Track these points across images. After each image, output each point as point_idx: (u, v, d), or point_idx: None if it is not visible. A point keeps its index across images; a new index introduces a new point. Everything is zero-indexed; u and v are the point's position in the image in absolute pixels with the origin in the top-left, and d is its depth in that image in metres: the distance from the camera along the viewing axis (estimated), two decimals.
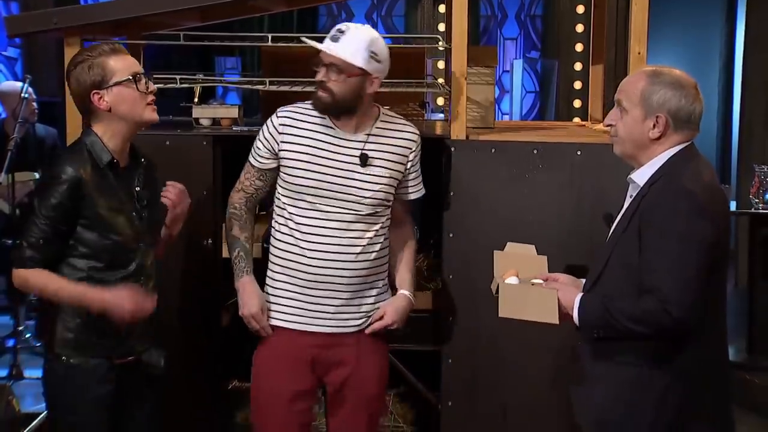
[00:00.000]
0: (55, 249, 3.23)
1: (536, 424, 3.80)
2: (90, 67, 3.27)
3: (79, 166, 3.22)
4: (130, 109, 3.30)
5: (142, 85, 3.31)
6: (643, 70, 3.09)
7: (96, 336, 3.28)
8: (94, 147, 3.28)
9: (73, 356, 3.27)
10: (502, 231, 3.73)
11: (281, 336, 3.50)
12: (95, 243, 3.25)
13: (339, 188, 3.46)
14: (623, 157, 3.09)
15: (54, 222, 3.20)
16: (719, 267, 3.01)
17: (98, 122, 3.32)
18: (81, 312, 3.25)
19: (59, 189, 3.19)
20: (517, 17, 10.20)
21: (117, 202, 3.29)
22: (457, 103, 3.83)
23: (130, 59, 3.35)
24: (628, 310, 2.91)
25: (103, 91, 3.27)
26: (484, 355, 3.82)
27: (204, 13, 4.05)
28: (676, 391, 2.97)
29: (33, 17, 4.36)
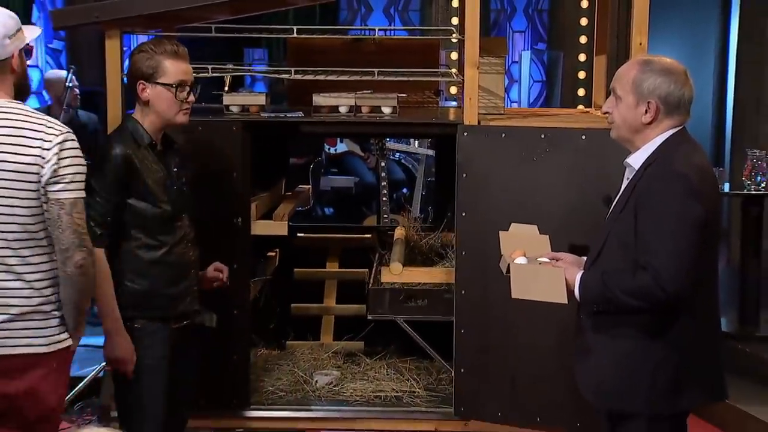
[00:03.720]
0: (117, 223, 3.33)
1: (542, 391, 3.80)
2: (148, 59, 3.37)
3: (125, 146, 3.33)
4: (165, 110, 3.39)
5: (181, 94, 3.39)
6: (635, 59, 3.11)
7: (155, 301, 3.39)
8: (136, 130, 3.39)
9: (135, 319, 3.36)
10: (511, 210, 3.72)
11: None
12: (147, 212, 3.36)
13: None
14: (620, 141, 3.09)
15: (112, 197, 3.30)
16: (711, 244, 3.01)
17: (139, 109, 3.43)
18: (142, 280, 3.37)
19: (111, 166, 3.30)
20: (525, 11, 10.18)
21: (161, 177, 3.39)
22: (470, 90, 3.81)
23: (184, 67, 3.40)
24: (624, 286, 2.91)
25: (148, 85, 3.38)
26: (494, 325, 3.82)
27: (234, 6, 4.05)
28: (670, 361, 2.97)
29: (76, 11, 4.37)
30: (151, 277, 3.38)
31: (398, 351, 4.43)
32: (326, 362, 4.40)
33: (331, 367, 4.35)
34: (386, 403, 4.05)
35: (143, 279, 3.38)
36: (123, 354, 3.34)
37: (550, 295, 3.04)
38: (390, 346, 4.44)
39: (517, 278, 3.09)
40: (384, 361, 4.37)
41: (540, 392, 3.80)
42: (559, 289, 3.02)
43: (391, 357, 4.40)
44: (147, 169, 3.36)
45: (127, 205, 3.34)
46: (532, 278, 3.08)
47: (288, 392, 4.13)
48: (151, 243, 3.38)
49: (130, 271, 3.37)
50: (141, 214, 3.35)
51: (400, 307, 4.07)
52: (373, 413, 4.01)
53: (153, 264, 3.39)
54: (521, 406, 3.83)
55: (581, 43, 9.12)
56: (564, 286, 3.02)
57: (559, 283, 3.03)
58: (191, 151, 3.75)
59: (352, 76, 4.08)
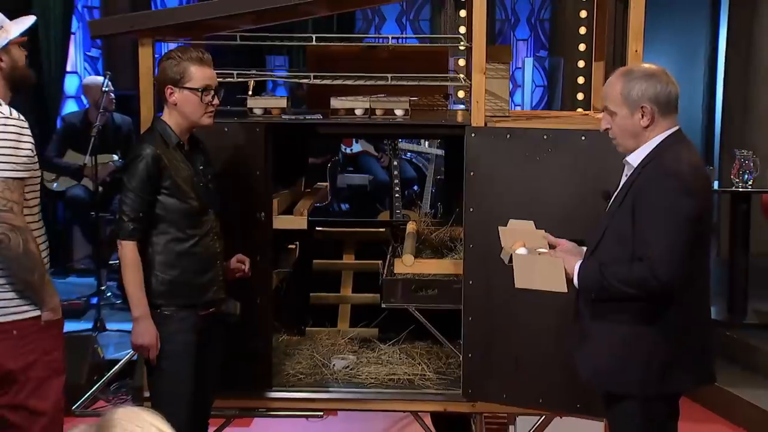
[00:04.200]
0: (148, 218, 3.35)
1: (543, 373, 3.78)
2: (176, 65, 3.38)
3: (155, 146, 3.34)
4: (191, 112, 3.40)
5: (206, 98, 3.40)
6: (615, 74, 3.07)
7: (184, 290, 3.40)
8: (164, 131, 3.41)
9: (165, 307, 3.37)
10: (515, 206, 3.71)
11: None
12: (175, 207, 3.37)
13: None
14: (626, 151, 3.06)
15: (143, 194, 3.32)
16: (703, 238, 3.01)
17: (167, 111, 3.44)
18: (172, 270, 3.38)
19: (143, 165, 3.31)
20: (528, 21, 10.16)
21: (188, 174, 3.40)
22: (478, 94, 3.79)
23: (209, 72, 3.42)
24: (621, 275, 2.92)
25: (175, 89, 3.39)
26: (499, 313, 3.80)
27: (257, 16, 4.04)
28: (663, 347, 2.98)
29: (112, 21, 4.38)
30: (180, 268, 3.39)
31: (410, 337, 4.41)
32: (343, 347, 4.39)
33: (348, 351, 4.34)
34: (399, 385, 4.04)
35: (173, 269, 3.39)
36: (147, 341, 3.36)
37: (551, 284, 3.04)
38: (402, 332, 4.42)
39: (520, 268, 3.09)
40: (397, 346, 4.35)
41: (542, 375, 3.78)
42: (559, 279, 3.03)
43: (403, 343, 4.38)
44: (175, 168, 3.36)
45: (157, 201, 3.35)
46: (533, 268, 3.09)
47: (307, 375, 4.12)
48: (179, 236, 3.39)
49: (160, 262, 3.39)
50: (170, 209, 3.37)
51: (411, 296, 4.05)
52: (387, 395, 4.00)
53: (181, 255, 3.40)
54: (524, 388, 3.81)
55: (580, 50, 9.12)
56: (563, 276, 3.02)
57: (559, 273, 3.02)
58: (218, 151, 3.75)
59: (367, 81, 4.06)
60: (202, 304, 3.46)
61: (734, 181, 6.04)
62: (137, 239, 3.33)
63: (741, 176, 6.02)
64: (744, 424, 5.22)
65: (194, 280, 3.42)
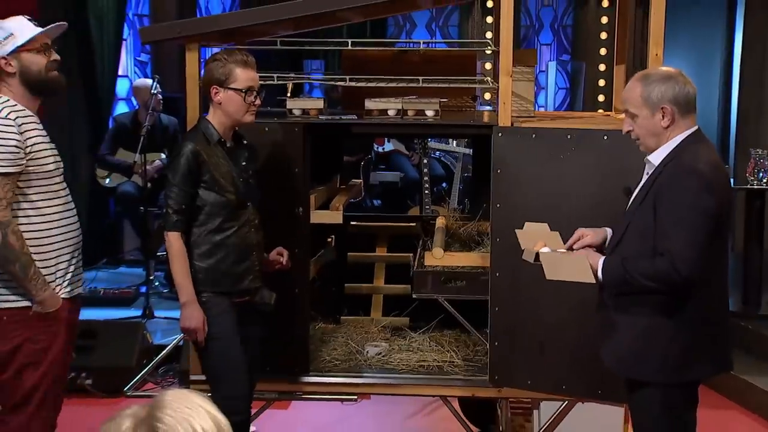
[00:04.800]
0: (191, 210, 3.38)
1: (566, 361, 3.75)
2: (221, 66, 3.40)
3: (196, 143, 3.37)
4: (234, 111, 3.41)
5: (249, 99, 3.41)
6: (634, 78, 3.05)
7: (220, 278, 3.42)
8: (207, 129, 3.42)
9: (203, 293, 3.40)
10: (540, 202, 3.69)
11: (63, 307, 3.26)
12: (214, 200, 3.39)
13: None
14: (648, 151, 3.02)
15: (185, 187, 3.35)
16: (722, 233, 2.98)
17: (211, 110, 3.45)
18: (210, 259, 3.40)
19: (183, 160, 3.34)
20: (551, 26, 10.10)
21: (228, 170, 3.40)
22: (504, 96, 3.76)
23: (252, 74, 3.42)
24: (643, 269, 2.89)
25: (220, 89, 3.40)
26: (524, 303, 3.77)
27: (296, 23, 4.03)
28: (682, 337, 2.95)
29: (161, 28, 4.38)
30: (217, 257, 3.41)
31: (439, 326, 4.39)
32: (376, 335, 4.38)
33: (380, 339, 4.33)
34: (428, 371, 4.02)
35: (210, 258, 3.41)
36: (194, 324, 3.37)
37: (579, 276, 3.02)
38: (432, 321, 4.40)
39: (547, 265, 3.08)
40: (427, 334, 4.33)
41: (565, 363, 3.75)
42: (585, 271, 3.00)
43: (433, 331, 4.36)
44: (214, 163, 3.38)
45: (197, 194, 3.37)
46: (560, 264, 3.07)
47: (342, 361, 4.11)
48: (217, 227, 3.41)
49: (198, 251, 3.41)
50: (209, 201, 3.39)
51: (441, 287, 4.03)
52: (417, 380, 3.98)
53: (219, 245, 3.42)
54: (549, 375, 3.78)
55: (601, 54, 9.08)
56: (589, 268, 2.99)
57: (585, 266, 3.00)
58: (259, 149, 3.75)
59: (400, 83, 4.05)
60: (237, 292, 3.47)
61: (749, 179, 6.02)
62: (182, 230, 3.37)
63: (756, 174, 6.00)
64: (758, 411, 5.19)
65: (230, 269, 3.44)
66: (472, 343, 4.24)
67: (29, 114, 3.17)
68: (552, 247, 3.13)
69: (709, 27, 9.51)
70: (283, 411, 4.96)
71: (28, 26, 3.17)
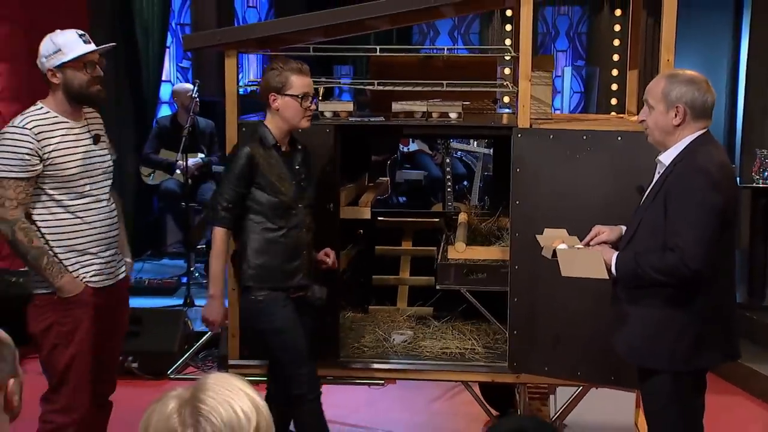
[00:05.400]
0: (239, 209, 3.38)
1: (581, 349, 3.73)
2: (278, 75, 3.39)
3: (252, 146, 3.37)
4: (291, 116, 3.40)
5: (305, 104, 3.41)
6: (663, 74, 3.05)
7: (273, 274, 3.42)
8: (264, 134, 3.42)
9: (256, 290, 3.42)
10: (557, 199, 3.67)
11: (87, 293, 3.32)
12: (266, 201, 3.38)
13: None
14: (655, 144, 3.02)
15: (238, 187, 3.36)
16: (729, 229, 2.95)
17: (269, 116, 3.45)
18: (262, 256, 3.40)
19: (238, 162, 3.35)
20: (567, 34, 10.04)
21: (280, 172, 3.39)
22: (524, 99, 3.74)
23: (307, 80, 3.42)
24: (654, 264, 2.86)
25: (278, 96, 3.39)
26: (541, 295, 3.75)
27: (326, 31, 4.03)
28: (691, 328, 2.92)
29: (202, 36, 4.40)
30: (269, 255, 3.41)
31: (461, 315, 4.38)
32: (402, 324, 4.38)
33: (406, 328, 4.32)
34: (451, 358, 4.01)
35: (262, 256, 3.41)
36: (214, 317, 3.43)
37: (593, 272, 3.00)
38: (455, 311, 4.39)
39: (563, 260, 3.06)
40: (449, 323, 4.33)
41: (580, 351, 3.73)
42: (599, 267, 2.98)
43: (455, 320, 4.35)
44: (268, 166, 3.37)
45: (250, 194, 3.37)
46: (575, 259, 3.06)
47: (370, 348, 4.11)
48: (270, 226, 3.40)
49: (252, 248, 3.41)
50: (261, 202, 3.38)
51: (463, 279, 4.02)
52: (440, 366, 3.97)
53: (271, 243, 3.41)
54: (564, 362, 3.76)
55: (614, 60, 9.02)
56: (603, 264, 2.97)
57: (599, 262, 2.98)
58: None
59: (425, 87, 4.04)
60: (288, 289, 3.46)
61: (755, 177, 5.98)
62: (227, 227, 3.38)
63: (761, 173, 5.96)
64: (761, 396, 5.15)
65: (282, 267, 3.43)
66: (492, 332, 4.22)
67: (61, 122, 3.26)
68: (569, 245, 3.12)
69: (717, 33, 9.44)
70: None
71: (76, 43, 3.24)
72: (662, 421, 3.00)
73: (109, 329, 3.41)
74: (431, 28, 9.86)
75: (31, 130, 3.17)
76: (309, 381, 3.47)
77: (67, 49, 3.21)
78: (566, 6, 9.95)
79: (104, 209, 3.35)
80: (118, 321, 3.50)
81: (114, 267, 3.41)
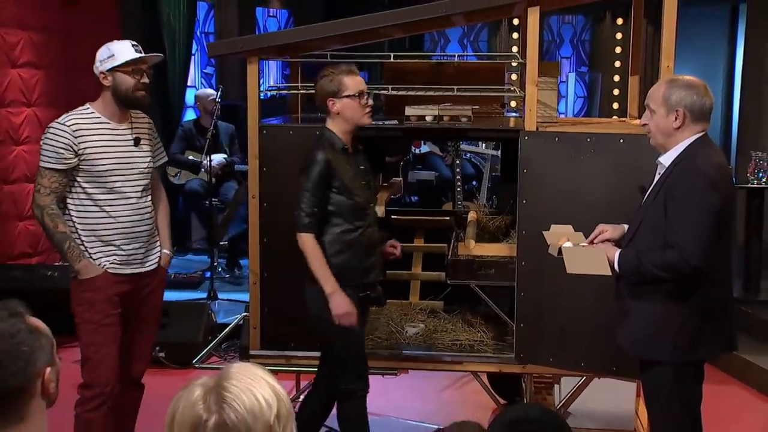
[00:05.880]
0: (322, 213, 3.33)
1: (585, 341, 3.71)
2: (332, 80, 3.36)
3: (326, 151, 3.32)
4: (353, 116, 3.37)
5: (363, 101, 3.37)
6: (663, 79, 3.04)
7: (351, 273, 3.38)
8: (331, 138, 3.37)
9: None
10: (562, 199, 3.65)
11: (105, 278, 3.38)
12: (344, 203, 3.35)
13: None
14: (657, 146, 3.00)
15: (317, 193, 3.30)
16: (726, 227, 2.94)
17: (331, 121, 3.40)
18: (343, 256, 3.37)
19: (316, 169, 3.30)
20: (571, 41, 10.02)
21: (353, 175, 3.37)
22: (530, 103, 3.72)
23: (359, 79, 3.39)
24: (655, 261, 2.85)
25: (336, 100, 3.35)
26: (547, 289, 3.74)
27: (343, 39, 4.03)
28: (691, 321, 2.91)
29: (225, 44, 4.41)
30: (349, 254, 3.38)
31: (471, 309, 4.37)
32: (414, 317, 4.36)
33: (418, 320, 4.30)
34: (461, 349, 4.00)
35: (343, 255, 3.38)
36: (345, 309, 3.35)
37: (596, 269, 2.99)
38: (464, 305, 4.38)
39: (568, 258, 3.05)
40: (459, 316, 4.31)
41: (583, 343, 3.71)
42: (603, 264, 2.97)
43: (465, 313, 4.34)
44: (342, 170, 3.34)
45: (329, 198, 3.34)
46: (579, 257, 3.04)
47: (384, 339, 4.10)
48: (348, 227, 3.37)
49: (332, 249, 3.37)
50: (340, 205, 3.35)
51: (472, 275, 4.00)
52: (451, 357, 3.96)
53: (350, 243, 3.38)
54: (568, 353, 3.74)
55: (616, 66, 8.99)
56: (606, 262, 2.95)
57: (602, 260, 2.97)
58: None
59: (436, 92, 4.03)
60: (363, 286, 3.44)
61: (750, 178, 5.94)
62: (314, 231, 3.33)
63: (756, 174, 5.91)
64: (756, 386, 5.13)
65: (360, 265, 3.41)
66: (500, 325, 4.21)
67: (103, 122, 3.37)
68: (575, 242, 3.11)
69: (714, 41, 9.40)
70: None
71: (128, 51, 3.36)
72: (663, 409, 2.99)
73: (136, 314, 3.49)
74: (442, 36, 9.85)
75: (69, 127, 3.30)
76: (362, 378, 3.46)
77: (119, 55, 3.35)
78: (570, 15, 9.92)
79: (133, 206, 3.41)
80: (149, 306, 3.57)
81: (140, 259, 3.47)
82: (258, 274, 3.87)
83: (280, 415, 1.47)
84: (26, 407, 1.53)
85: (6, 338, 1.51)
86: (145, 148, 3.50)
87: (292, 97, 4.52)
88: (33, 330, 1.56)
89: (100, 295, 3.35)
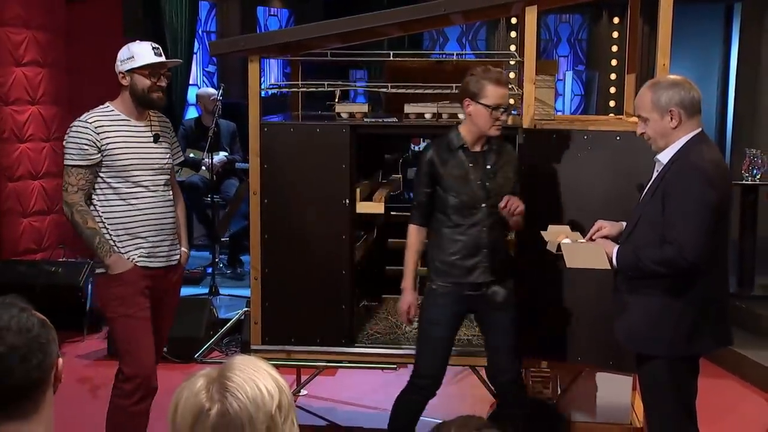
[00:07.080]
0: (428, 208, 3.40)
1: (582, 336, 3.72)
2: (476, 82, 3.31)
3: (434, 150, 3.38)
4: (481, 124, 3.33)
5: (496, 114, 3.29)
6: (645, 86, 3.00)
7: (452, 270, 3.39)
8: (453, 136, 3.38)
9: (434, 282, 3.44)
10: (559, 196, 3.66)
11: (135, 272, 3.43)
12: (446, 201, 3.37)
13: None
14: (659, 151, 2.99)
15: (425, 188, 3.38)
16: (723, 223, 2.93)
17: (463, 118, 3.42)
18: (444, 252, 3.39)
19: (422, 167, 3.39)
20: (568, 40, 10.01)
21: (463, 174, 3.35)
22: (528, 101, 3.72)
23: (502, 92, 3.30)
24: (653, 256, 2.85)
25: (472, 102, 3.33)
26: (544, 284, 3.74)
27: (343, 37, 4.02)
28: (688, 316, 2.91)
29: (227, 42, 4.39)
30: (449, 251, 3.38)
31: None
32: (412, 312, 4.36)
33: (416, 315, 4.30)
34: (459, 344, 3.99)
35: (443, 252, 3.39)
36: (404, 306, 3.47)
37: (596, 263, 2.99)
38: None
39: (568, 253, 3.06)
40: None
41: (580, 337, 3.72)
42: (602, 259, 2.97)
43: None
44: (449, 169, 3.35)
45: (434, 194, 3.37)
46: (578, 252, 3.04)
47: (383, 334, 4.11)
48: (450, 224, 3.38)
49: (433, 245, 3.42)
50: (443, 201, 3.37)
51: None
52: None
53: (451, 241, 3.38)
54: (566, 347, 3.75)
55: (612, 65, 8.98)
56: (605, 256, 2.96)
57: (600, 254, 2.97)
58: (311, 148, 3.74)
59: (435, 90, 4.03)
60: (467, 285, 3.40)
61: (744, 175, 5.93)
62: (417, 224, 3.42)
63: (750, 171, 5.91)
64: (750, 380, 5.14)
65: (460, 263, 3.38)
66: None
67: (123, 119, 3.44)
68: (573, 239, 3.11)
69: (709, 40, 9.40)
70: (330, 378, 4.98)
71: (148, 54, 3.43)
72: (659, 403, 2.99)
73: (157, 309, 3.51)
74: (441, 35, 9.84)
75: (91, 124, 3.35)
76: (426, 377, 3.47)
77: (139, 57, 3.41)
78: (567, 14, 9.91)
79: (157, 198, 3.47)
80: (168, 303, 3.62)
81: (165, 252, 3.52)
82: (259, 270, 3.88)
83: (281, 406, 1.47)
84: (42, 398, 1.55)
85: (24, 332, 1.52)
86: (164, 145, 3.56)
87: (293, 95, 4.53)
88: (44, 323, 1.58)
89: (131, 289, 3.39)
